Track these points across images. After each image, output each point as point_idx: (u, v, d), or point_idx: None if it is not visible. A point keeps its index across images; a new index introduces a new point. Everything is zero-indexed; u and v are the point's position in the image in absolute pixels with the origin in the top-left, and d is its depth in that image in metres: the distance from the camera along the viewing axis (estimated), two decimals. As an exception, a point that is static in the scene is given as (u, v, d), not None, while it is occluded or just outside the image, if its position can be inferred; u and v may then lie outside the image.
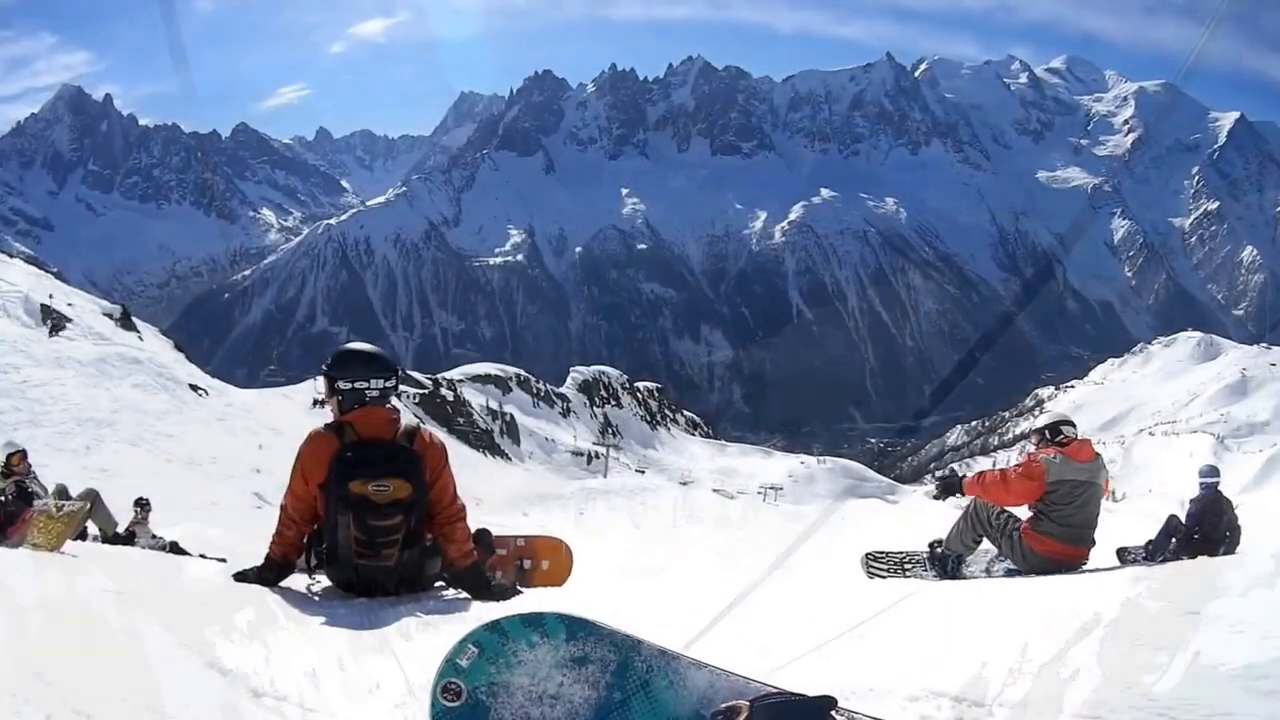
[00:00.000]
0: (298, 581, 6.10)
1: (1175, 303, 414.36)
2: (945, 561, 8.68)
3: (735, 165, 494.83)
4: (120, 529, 13.29)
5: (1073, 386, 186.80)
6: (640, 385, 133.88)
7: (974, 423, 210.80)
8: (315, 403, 56.50)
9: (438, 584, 6.14)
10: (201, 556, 11.55)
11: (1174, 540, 13.13)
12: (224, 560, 9.93)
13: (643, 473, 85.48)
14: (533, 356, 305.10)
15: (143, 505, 14.77)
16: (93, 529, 12.27)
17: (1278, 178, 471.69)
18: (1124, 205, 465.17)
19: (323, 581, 6.06)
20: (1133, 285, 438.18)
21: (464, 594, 5.90)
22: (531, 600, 5.70)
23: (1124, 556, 12.08)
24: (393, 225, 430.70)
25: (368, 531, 5.53)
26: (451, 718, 2.82)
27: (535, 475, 70.45)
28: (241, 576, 5.99)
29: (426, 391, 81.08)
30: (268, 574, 5.93)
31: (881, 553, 9.39)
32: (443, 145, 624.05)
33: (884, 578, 8.83)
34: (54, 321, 42.06)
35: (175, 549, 13.53)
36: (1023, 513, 8.37)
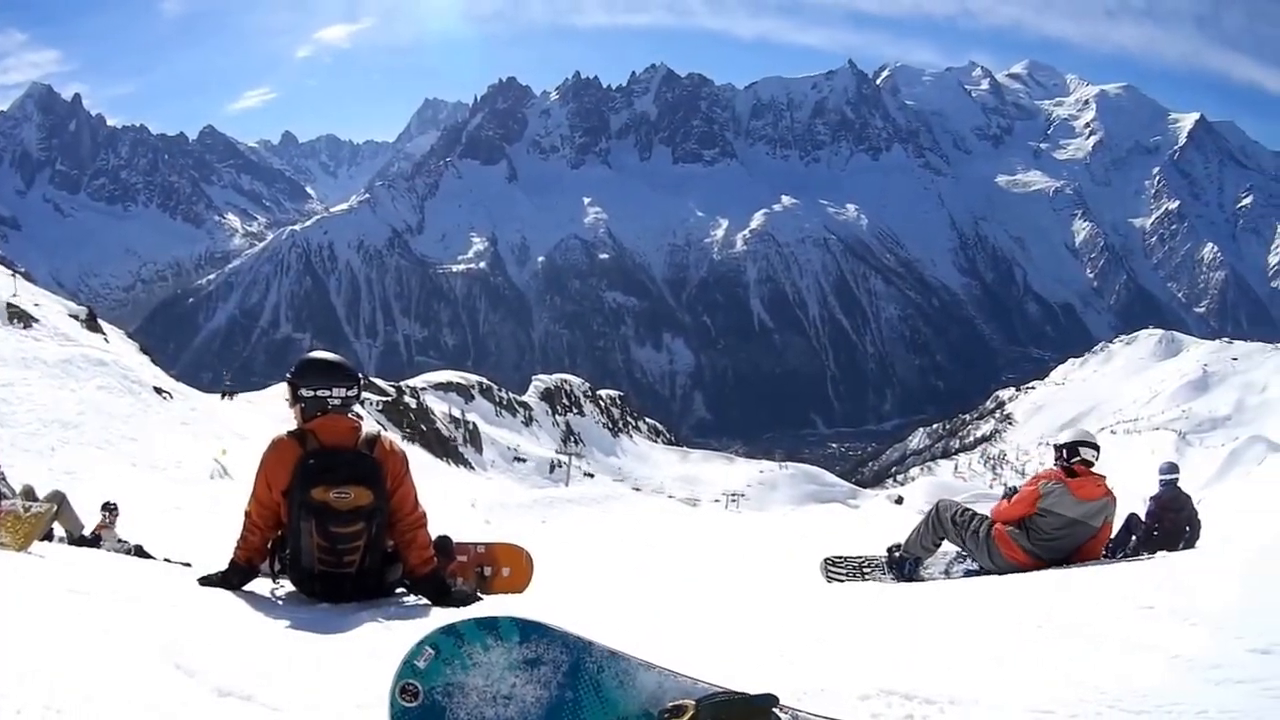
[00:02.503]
0: (261, 586, 6.14)
1: (1136, 302, 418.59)
2: (904, 565, 8.66)
3: (697, 173, 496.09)
4: (86, 531, 13.27)
5: (1033, 388, 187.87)
6: (602, 393, 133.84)
7: (935, 425, 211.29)
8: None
9: (399, 590, 6.17)
10: (166, 560, 11.52)
11: (1134, 537, 13.34)
12: (188, 565, 9.92)
13: (591, 476, 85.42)
14: (495, 364, 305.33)
15: (110, 509, 14.75)
16: (59, 531, 12.24)
17: (1237, 175, 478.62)
18: (1085, 208, 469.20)
19: (286, 586, 6.11)
20: (1094, 287, 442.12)
21: (424, 600, 5.94)
22: (490, 606, 5.75)
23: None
24: (356, 232, 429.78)
25: (329, 538, 5.57)
26: (409, 718, 2.89)
27: (498, 483, 70.15)
28: (206, 581, 6.03)
29: (389, 399, 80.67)
30: (232, 578, 5.96)
31: (840, 557, 9.38)
32: (406, 152, 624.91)
33: (842, 582, 8.86)
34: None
35: (140, 553, 13.47)
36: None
